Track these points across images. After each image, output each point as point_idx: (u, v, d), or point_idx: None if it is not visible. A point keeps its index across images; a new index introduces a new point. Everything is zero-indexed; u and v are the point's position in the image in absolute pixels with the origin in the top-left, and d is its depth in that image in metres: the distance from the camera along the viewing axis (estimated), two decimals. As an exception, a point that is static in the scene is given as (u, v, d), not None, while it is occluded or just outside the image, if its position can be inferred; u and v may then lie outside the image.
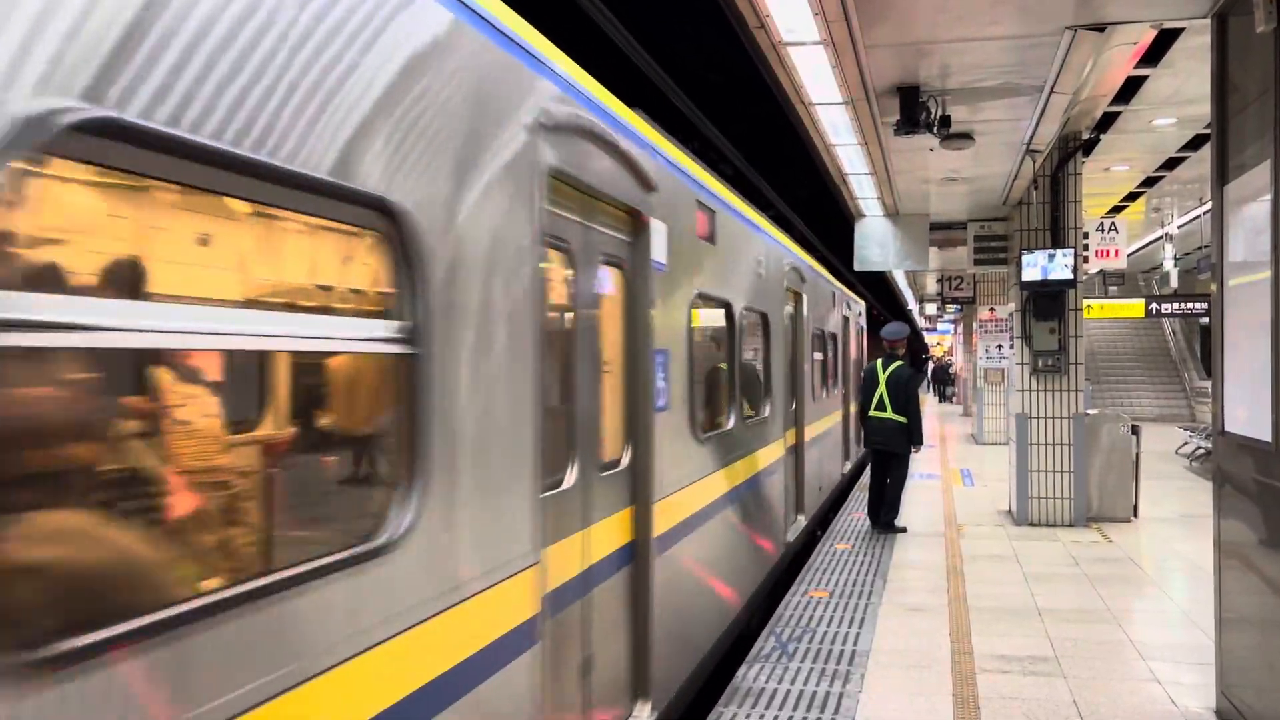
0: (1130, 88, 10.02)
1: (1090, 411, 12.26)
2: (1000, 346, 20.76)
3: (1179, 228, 20.64)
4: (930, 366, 46.99)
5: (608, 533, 4.49)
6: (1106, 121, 11.39)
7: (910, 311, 40.54)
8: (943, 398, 40.38)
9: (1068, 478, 11.44)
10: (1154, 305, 24.87)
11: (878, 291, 38.92)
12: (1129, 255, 18.36)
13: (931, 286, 27.44)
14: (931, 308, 36.53)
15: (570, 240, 4.04)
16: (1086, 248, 14.27)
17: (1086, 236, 14.21)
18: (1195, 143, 12.65)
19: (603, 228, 4.47)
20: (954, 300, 24.35)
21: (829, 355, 13.30)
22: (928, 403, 36.26)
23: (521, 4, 3.84)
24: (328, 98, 2.37)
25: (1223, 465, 5.51)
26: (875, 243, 14.06)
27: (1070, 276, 11.07)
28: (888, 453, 11.12)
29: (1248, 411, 5.09)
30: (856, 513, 12.41)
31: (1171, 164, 14.13)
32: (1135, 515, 11.84)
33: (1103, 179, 14.93)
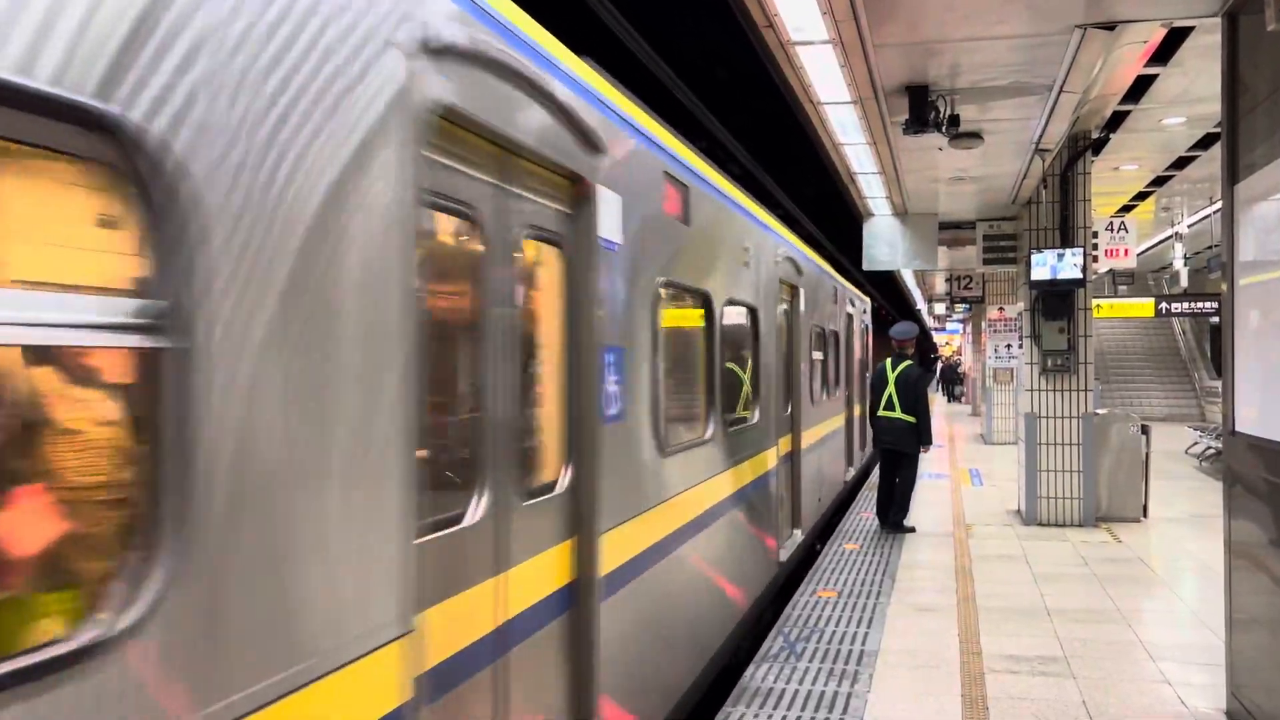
0: (1140, 87, 9.99)
1: (1099, 411, 12.23)
2: (1009, 346, 20.68)
3: (1189, 227, 20.58)
4: (939, 366, 46.87)
5: (536, 575, 3.67)
6: (1116, 120, 11.37)
7: (919, 311, 40.47)
8: (951, 397, 40.30)
9: (1077, 477, 11.41)
10: (1164, 305, 24.80)
11: (887, 291, 38.87)
12: (1138, 255, 18.28)
13: (940, 286, 27.39)
14: (940, 307, 36.50)
15: (476, 205, 3.23)
16: (1096, 247, 14.22)
17: (1096, 236, 14.16)
18: (1205, 142, 12.62)
19: (529, 193, 3.61)
20: (963, 300, 24.31)
21: (830, 355, 12.55)
22: (936, 402, 36.19)
23: (530, 5, 3.78)
24: None
25: (1233, 465, 5.49)
26: (884, 242, 14.04)
27: (1079, 276, 11.04)
28: (897, 452, 11.11)
29: (1258, 411, 5.08)
30: (865, 513, 12.39)
31: (1181, 163, 14.09)
32: (1145, 515, 11.81)
33: (1112, 178, 14.89)
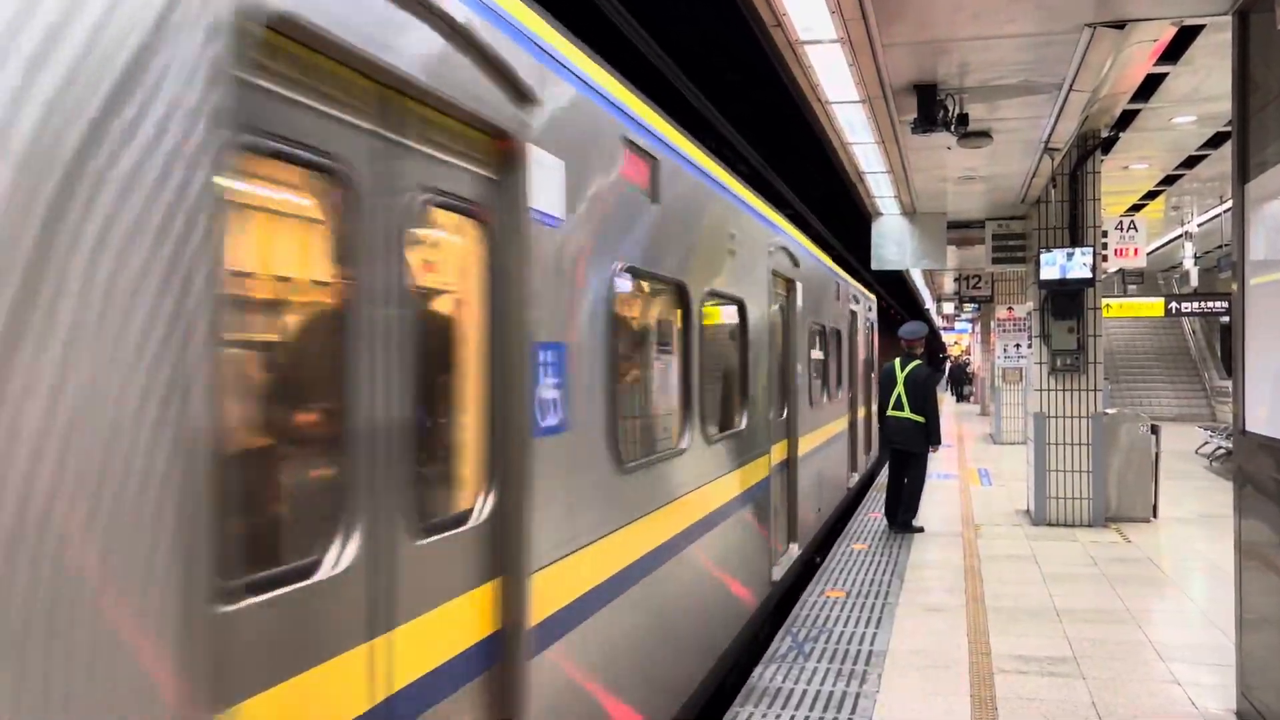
0: (1150, 85, 9.96)
1: (1109, 411, 12.20)
2: (1018, 345, 20.69)
3: (1199, 226, 20.51)
4: (948, 366, 46.80)
5: (440, 630, 2.90)
6: (1126, 119, 11.33)
7: (928, 310, 40.41)
8: (960, 397, 40.24)
9: (1086, 477, 11.38)
10: (1174, 304, 24.74)
11: (895, 291, 38.83)
12: (1148, 254, 18.26)
13: (949, 285, 27.35)
14: (949, 306, 36.44)
15: (344, 157, 2.47)
16: (1105, 246, 14.18)
17: (1105, 235, 14.11)
18: (1215, 140, 12.58)
19: (430, 149, 2.85)
20: (972, 299, 24.28)
21: (832, 355, 11.93)
22: (945, 402, 36.12)
23: (544, 7, 3.77)
24: None
25: (1243, 465, 5.47)
26: (892, 241, 14.02)
27: (1089, 275, 11.01)
28: (906, 452, 11.09)
29: (1269, 411, 5.06)
30: (874, 513, 12.37)
31: (1191, 162, 14.05)
32: (1154, 515, 11.77)
33: (1122, 177, 14.85)
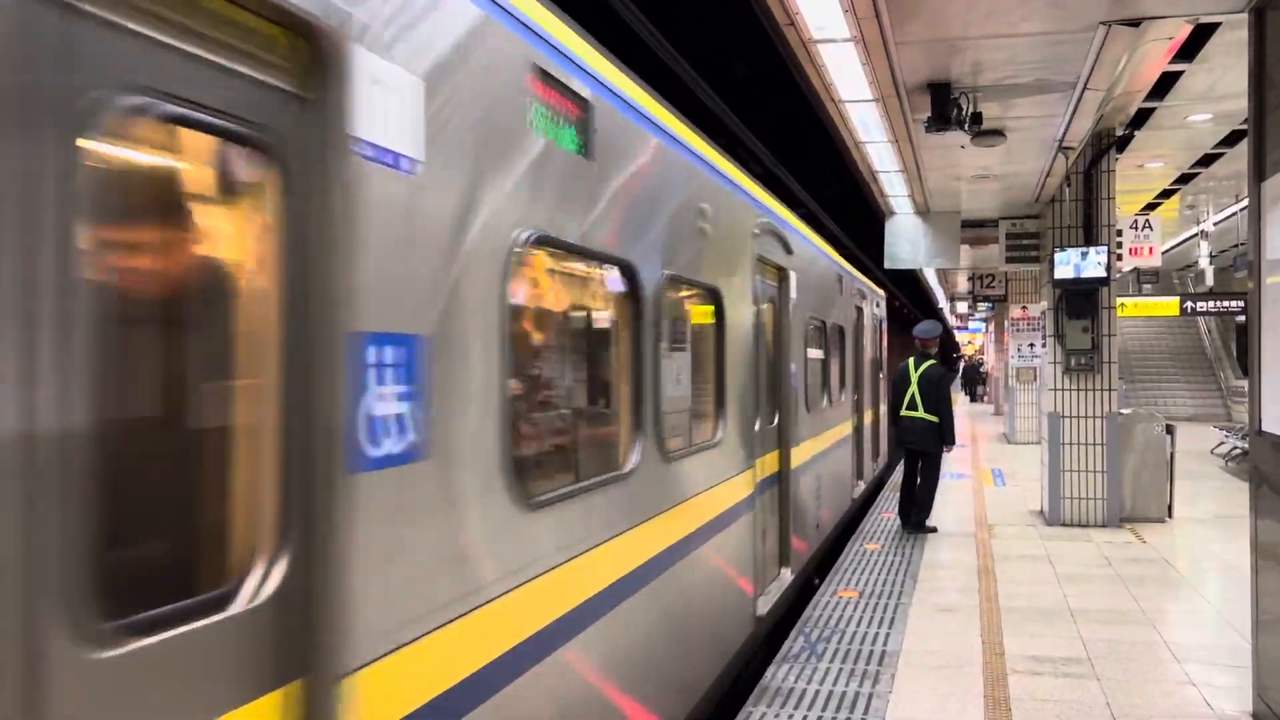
0: (1165, 83, 9.92)
1: (1124, 411, 12.15)
2: (1032, 345, 20.61)
3: (1215, 225, 20.41)
4: (961, 365, 46.67)
5: None
6: (1141, 118, 11.28)
7: (941, 310, 40.30)
8: (974, 397, 40.13)
9: (1101, 478, 11.33)
10: (1189, 303, 24.59)
11: (909, 290, 38.72)
12: (1163, 253, 18.15)
13: (963, 285, 27.27)
14: (963, 306, 36.32)
15: None
16: (1120, 245, 14.12)
17: (1120, 234, 14.06)
18: (1232, 139, 12.52)
19: (168, 36, 1.91)
20: (985, 298, 24.19)
21: (833, 353, 11.05)
22: (958, 402, 36.02)
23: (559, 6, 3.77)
24: None
25: (1259, 465, 5.44)
26: (906, 240, 13.98)
27: (1104, 274, 10.96)
28: (919, 452, 11.07)
29: (1285, 411, 5.02)
30: (886, 513, 12.35)
31: (1207, 160, 13.98)
32: (1170, 516, 11.71)
33: (1137, 176, 14.79)
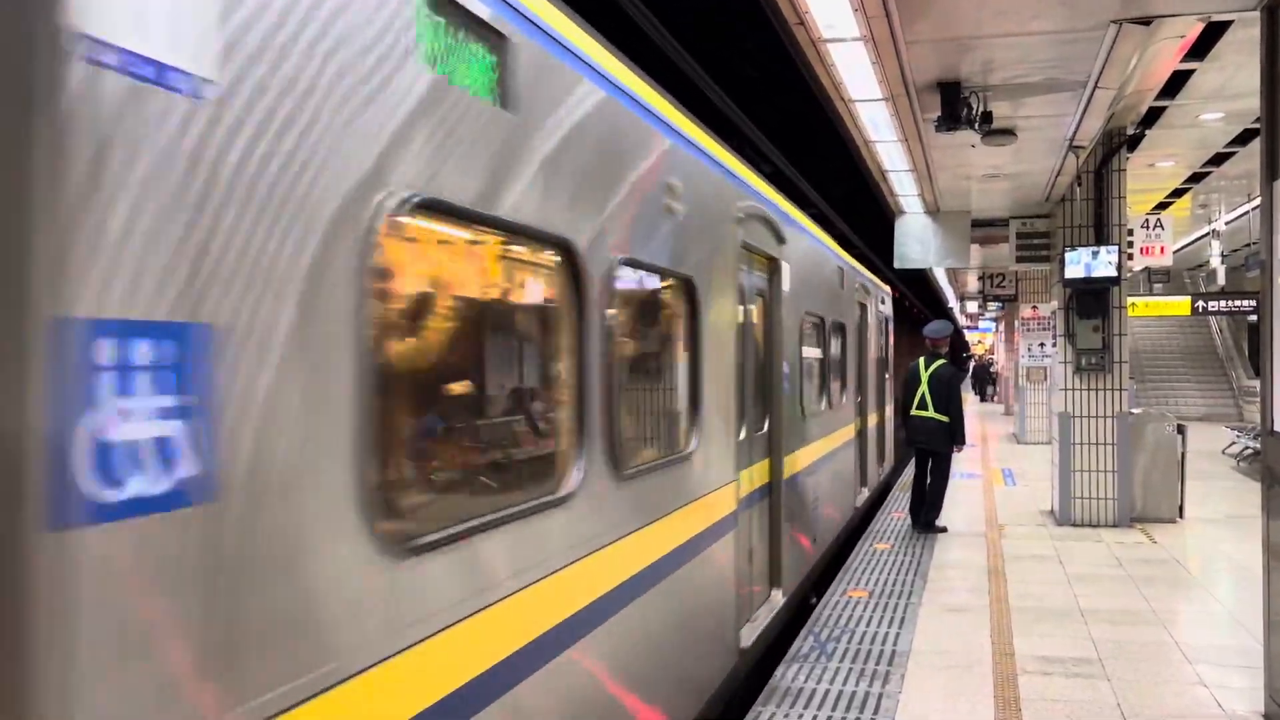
0: (1177, 82, 9.88)
1: (1135, 411, 12.11)
2: (1043, 345, 20.56)
3: (1226, 224, 20.34)
4: (971, 365, 46.52)
5: None
6: (1152, 116, 11.25)
7: (951, 309, 40.22)
8: (984, 397, 40.04)
9: (1111, 478, 11.29)
10: (1200, 303, 24.49)
11: (919, 289, 38.65)
12: (1175, 252, 18.10)
13: (973, 284, 27.22)
14: (973, 305, 36.24)
15: None
16: (1131, 244, 14.07)
17: (1131, 233, 14.01)
18: (1244, 137, 12.47)
19: None
20: (996, 298, 24.14)
21: (835, 353, 10.39)
22: (968, 401, 35.93)
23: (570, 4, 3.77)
24: None
25: (1272, 465, 5.42)
26: (916, 240, 13.97)
27: (1114, 274, 10.93)
28: (930, 452, 11.05)
29: (1298, 411, 5.00)
30: (896, 512, 12.33)
31: (1219, 159, 13.93)
32: (1181, 516, 11.67)
33: (1148, 175, 14.74)
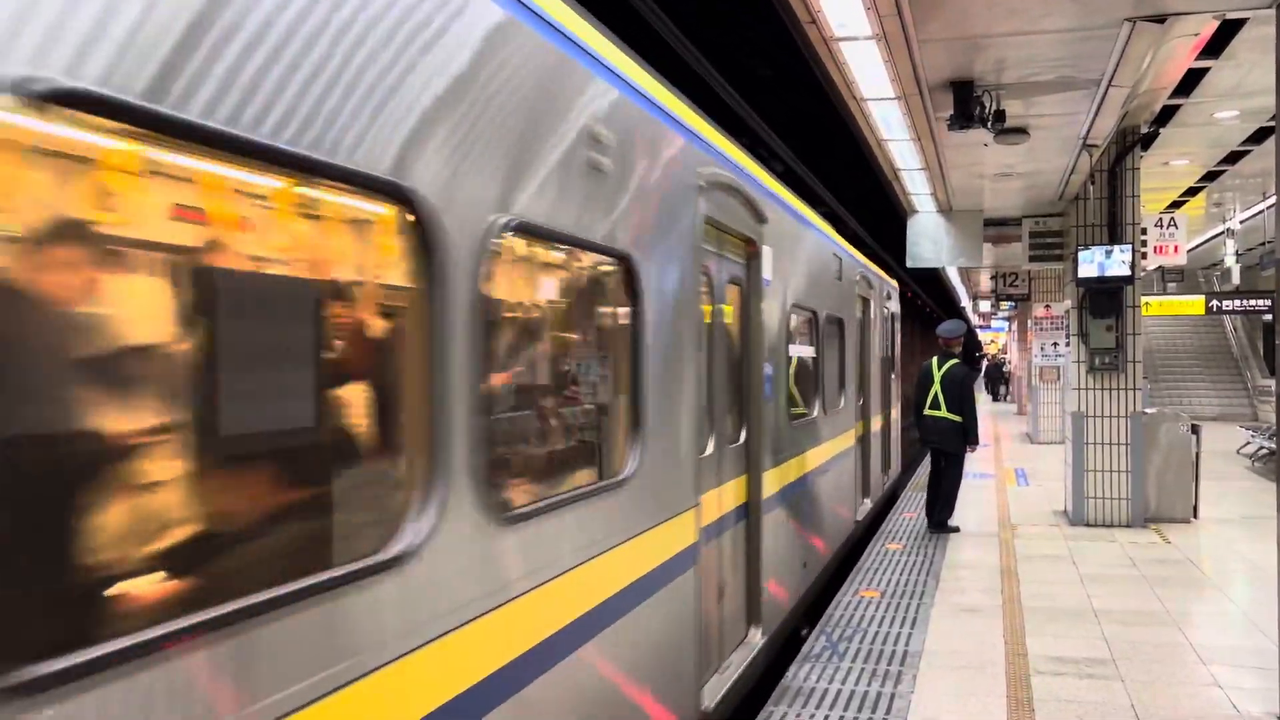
0: (1191, 80, 9.83)
1: (1148, 410, 12.06)
2: (1056, 344, 20.49)
3: (1241, 222, 20.23)
4: (984, 364, 46.37)
5: None
6: (1166, 115, 11.20)
7: (964, 308, 40.10)
8: (996, 397, 39.90)
9: (1125, 477, 11.25)
10: (1215, 302, 24.39)
11: (931, 288, 38.56)
12: (1189, 251, 18.01)
13: (985, 283, 27.13)
14: (985, 304, 36.13)
15: None
16: (1144, 244, 14.01)
17: (1145, 232, 13.95)
18: (1259, 135, 12.41)
19: None
20: (1008, 297, 24.06)
21: (830, 350, 9.38)
22: (981, 401, 35.83)
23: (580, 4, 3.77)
24: None
25: (1287, 466, 5.39)
26: (928, 239, 13.93)
27: (1128, 273, 10.88)
28: (942, 452, 11.03)
29: (1313, 411, 4.98)
30: (908, 513, 12.31)
31: (1234, 158, 13.86)
32: (1195, 516, 11.62)
33: (1162, 173, 14.67)
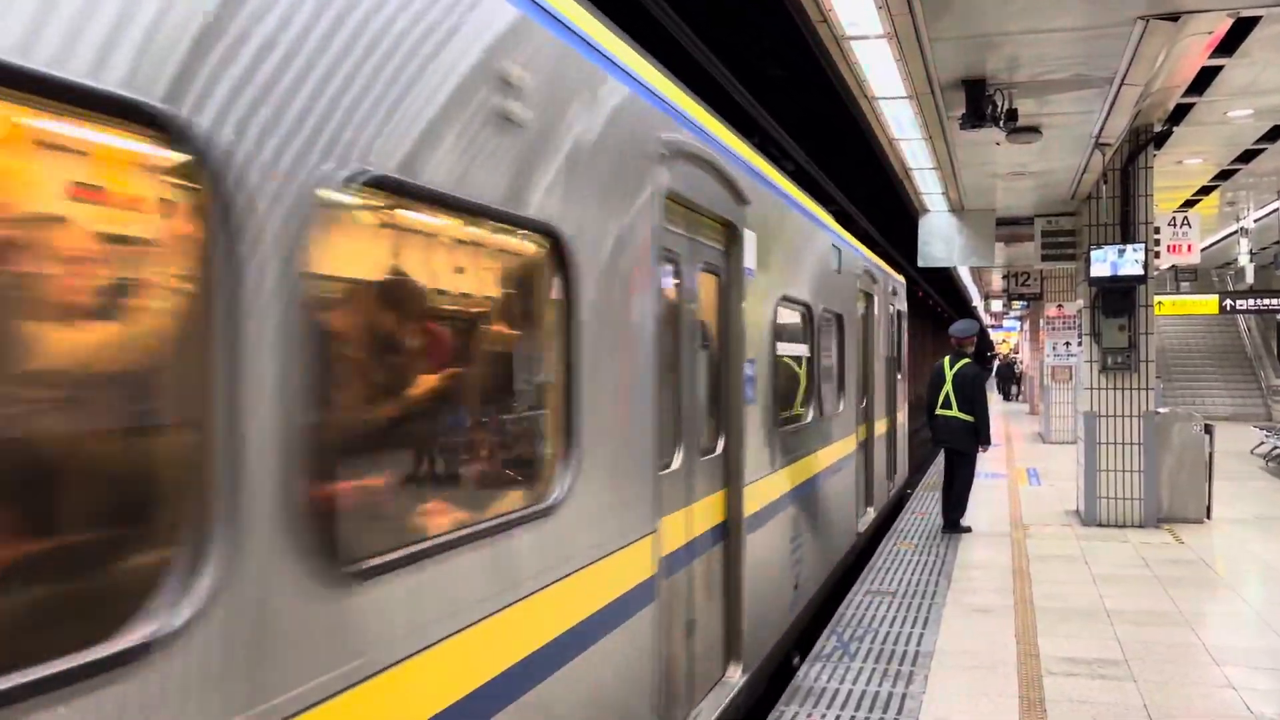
0: (1205, 78, 9.78)
1: (1161, 410, 12.01)
2: (1068, 344, 20.45)
3: (1255, 221, 20.12)
4: (995, 364, 46.25)
5: None
6: (1179, 113, 11.14)
7: (975, 308, 40.02)
8: (1008, 396, 39.80)
9: (1138, 477, 11.20)
10: (1228, 301, 24.28)
11: (943, 288, 38.48)
12: (1202, 250, 17.95)
13: (997, 282, 27.08)
14: (997, 304, 36.07)
15: None
16: (1158, 243, 13.98)
17: (1158, 231, 13.91)
18: (1273, 134, 12.34)
19: None
20: (1020, 296, 24.02)
21: (829, 351, 8.72)
22: (993, 401, 35.73)
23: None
24: None
25: (1301, 466, 5.37)
26: (940, 238, 13.90)
27: (1141, 272, 10.84)
28: (954, 451, 11.01)
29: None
30: (920, 513, 12.28)
31: (1248, 156, 13.78)
32: (1208, 516, 11.56)
33: (1175, 172, 14.60)
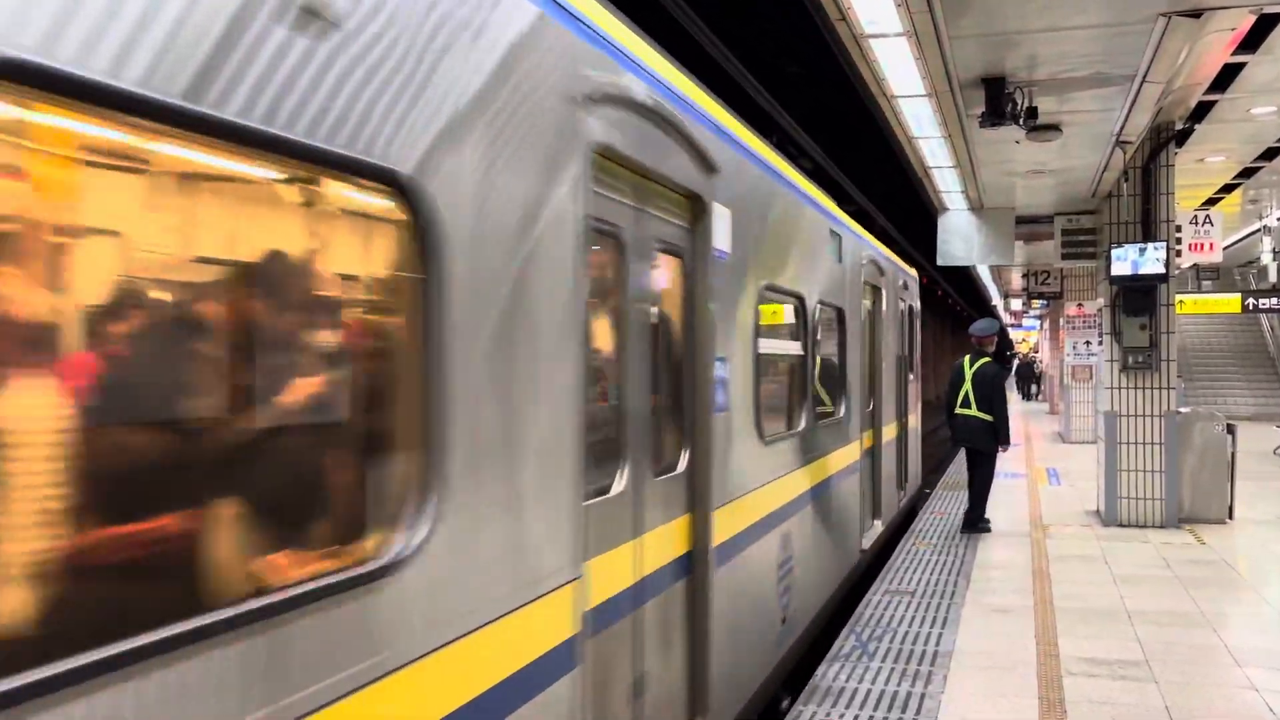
0: (1227, 75, 9.70)
1: (1182, 410, 11.94)
2: (1089, 343, 20.33)
3: (1278, 220, 19.96)
4: (1015, 363, 46.03)
5: None
6: (1201, 111, 11.05)
7: (995, 307, 39.85)
8: (1027, 395, 39.61)
9: (1159, 477, 11.13)
10: (1251, 300, 24.10)
11: (962, 286, 38.33)
12: (1224, 249, 17.80)
13: (1017, 281, 26.95)
14: (1017, 303, 35.90)
15: None
16: (1179, 241, 13.86)
17: (1179, 229, 13.80)
18: (1296, 132, 12.22)
19: None
20: (1040, 295, 23.89)
21: (827, 350, 8.08)
22: (1012, 400, 35.56)
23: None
24: None
25: (1325, 466, 5.32)
26: (959, 237, 13.86)
27: (1162, 271, 10.77)
28: (975, 451, 10.97)
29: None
30: (939, 512, 12.25)
31: (1271, 154, 13.65)
32: (1230, 517, 11.48)
33: (1197, 170, 14.49)
